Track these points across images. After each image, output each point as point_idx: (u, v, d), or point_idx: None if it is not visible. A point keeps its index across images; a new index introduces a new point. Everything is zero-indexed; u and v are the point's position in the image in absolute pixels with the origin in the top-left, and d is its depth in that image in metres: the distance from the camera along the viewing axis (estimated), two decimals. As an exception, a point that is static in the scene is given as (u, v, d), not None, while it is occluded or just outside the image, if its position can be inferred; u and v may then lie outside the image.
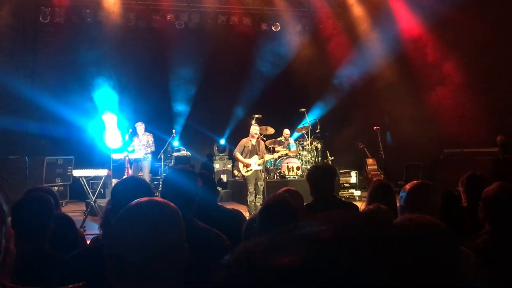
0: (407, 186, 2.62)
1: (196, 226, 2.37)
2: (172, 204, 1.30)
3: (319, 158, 12.20)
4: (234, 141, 12.28)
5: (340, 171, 12.31)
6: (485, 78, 11.20)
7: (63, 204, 11.11)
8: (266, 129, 11.61)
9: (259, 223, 2.33)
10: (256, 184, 9.05)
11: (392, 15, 12.54)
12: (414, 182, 2.65)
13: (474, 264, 2.11)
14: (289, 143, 11.88)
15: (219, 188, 12.01)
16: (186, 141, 14.27)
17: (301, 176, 11.07)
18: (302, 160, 11.63)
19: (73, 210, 10.26)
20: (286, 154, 11.39)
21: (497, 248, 2.39)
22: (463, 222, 3.06)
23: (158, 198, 1.34)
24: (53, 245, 2.55)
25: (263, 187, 9.23)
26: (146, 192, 2.32)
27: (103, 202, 9.12)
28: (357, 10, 13.81)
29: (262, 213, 2.36)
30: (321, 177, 3.71)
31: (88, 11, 12.85)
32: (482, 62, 11.06)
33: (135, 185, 2.37)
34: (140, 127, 11.02)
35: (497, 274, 2.22)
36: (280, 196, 2.70)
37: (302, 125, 12.31)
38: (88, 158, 11.81)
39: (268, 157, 9.74)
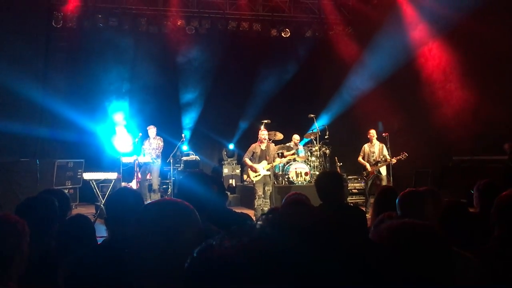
0: (400, 195, 2.65)
1: (209, 230, 2.41)
2: (188, 203, 1.31)
3: (328, 164, 12.19)
4: (243, 146, 12.31)
5: (349, 177, 12.28)
6: (495, 85, 11.12)
7: (73, 207, 11.19)
8: (275, 134, 11.64)
9: None
10: (264, 189, 9.16)
11: (402, 21, 12.51)
12: (405, 190, 2.67)
13: (475, 268, 2.11)
14: (298, 148, 11.88)
15: (228, 193, 12.05)
16: (195, 145, 14.32)
17: (309, 181, 11.07)
18: (310, 166, 11.62)
19: (83, 213, 10.31)
20: (295, 160, 11.40)
21: (506, 253, 2.38)
22: (472, 229, 3.05)
23: (175, 199, 1.37)
24: (68, 245, 2.61)
25: (271, 192, 9.32)
26: (137, 200, 2.44)
27: (112, 205, 9.16)
28: (367, 17, 13.80)
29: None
30: (328, 182, 3.77)
31: (100, 16, 12.99)
32: (493, 69, 10.98)
33: (125, 195, 2.49)
34: (152, 130, 11.09)
35: (505, 279, 2.22)
36: (298, 197, 2.74)
37: (311, 131, 12.31)
38: (98, 162, 11.92)
39: (277, 161, 9.79)
